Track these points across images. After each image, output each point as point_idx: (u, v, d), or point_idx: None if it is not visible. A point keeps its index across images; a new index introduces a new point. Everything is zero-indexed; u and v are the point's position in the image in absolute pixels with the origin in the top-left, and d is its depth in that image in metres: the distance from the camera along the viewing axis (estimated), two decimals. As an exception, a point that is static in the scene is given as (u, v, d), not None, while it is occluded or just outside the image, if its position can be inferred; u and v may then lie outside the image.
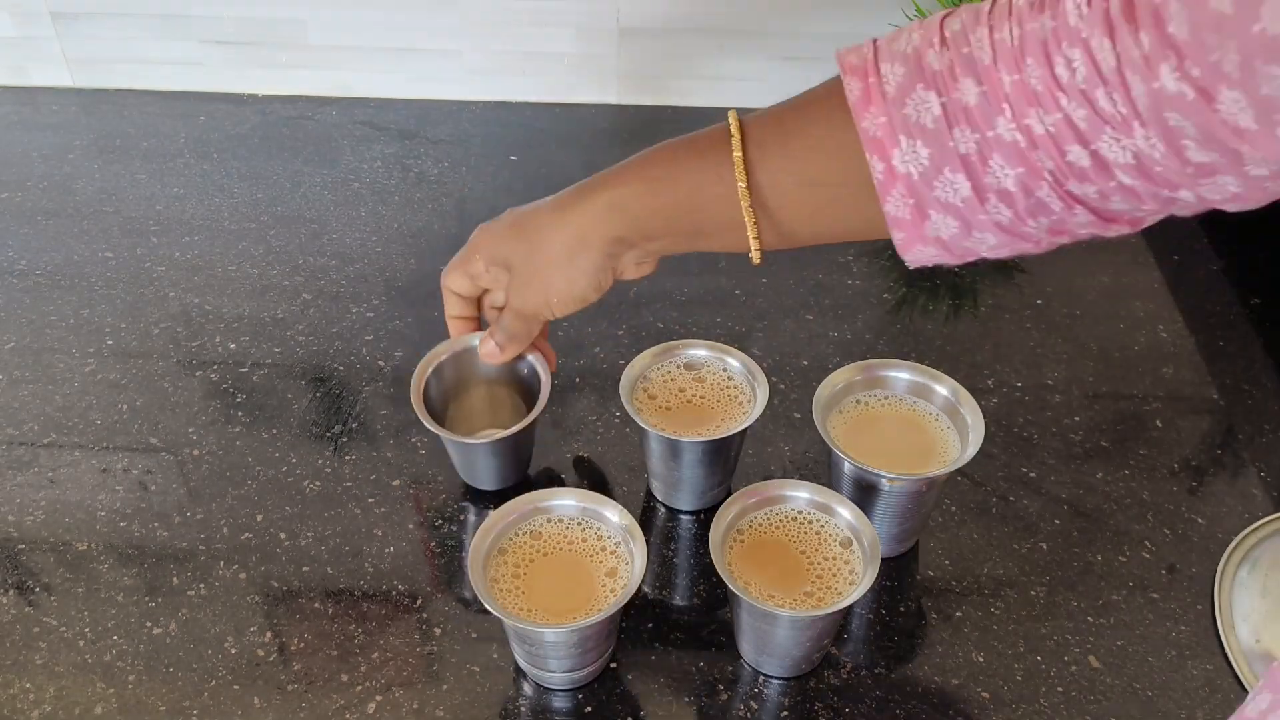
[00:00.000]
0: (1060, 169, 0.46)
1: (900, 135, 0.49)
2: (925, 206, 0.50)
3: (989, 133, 0.47)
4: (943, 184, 0.49)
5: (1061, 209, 0.48)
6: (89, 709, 0.62)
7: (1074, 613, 0.67)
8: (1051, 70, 0.44)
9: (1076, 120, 0.44)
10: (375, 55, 1.14)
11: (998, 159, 0.47)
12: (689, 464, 0.70)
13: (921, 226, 0.50)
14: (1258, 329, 0.88)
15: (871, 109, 0.50)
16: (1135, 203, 0.47)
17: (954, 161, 0.48)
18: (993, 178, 0.48)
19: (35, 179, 1.05)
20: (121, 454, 0.77)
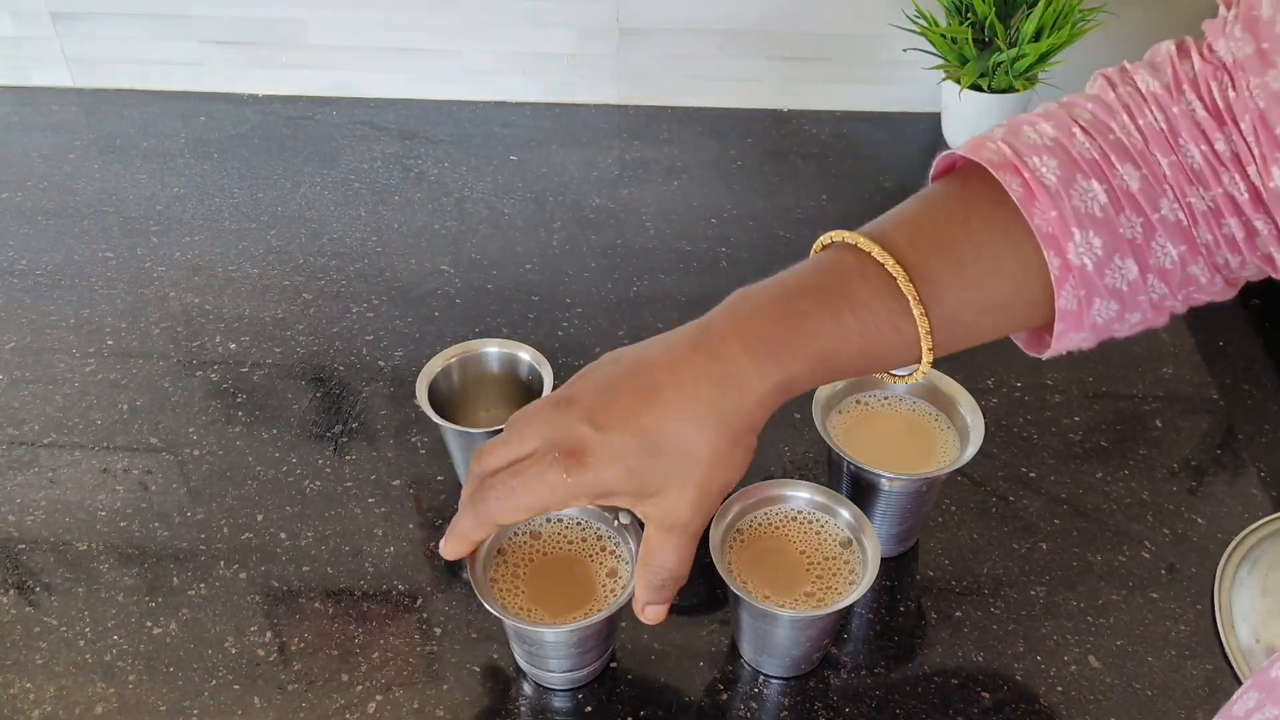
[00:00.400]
0: (1216, 241, 0.47)
1: (1073, 227, 0.47)
2: (1093, 295, 0.49)
3: (1154, 215, 0.47)
4: (1113, 271, 0.48)
5: (1206, 280, 0.49)
6: (89, 709, 0.62)
7: (1074, 613, 0.67)
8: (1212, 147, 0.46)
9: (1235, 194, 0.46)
10: (375, 55, 1.14)
11: (1160, 239, 0.48)
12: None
13: (1085, 315, 0.49)
14: (1258, 329, 0.88)
15: (1039, 204, 0.48)
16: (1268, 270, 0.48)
17: (1124, 247, 0.48)
18: (1155, 258, 0.48)
19: (35, 179, 1.05)
20: (121, 454, 0.77)
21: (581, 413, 0.50)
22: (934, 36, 1.01)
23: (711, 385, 0.49)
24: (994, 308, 0.50)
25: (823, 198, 1.02)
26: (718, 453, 0.50)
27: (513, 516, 0.52)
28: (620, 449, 0.49)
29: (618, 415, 0.49)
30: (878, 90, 1.14)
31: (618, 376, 0.50)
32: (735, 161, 1.07)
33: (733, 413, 0.49)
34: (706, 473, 0.50)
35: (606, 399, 0.50)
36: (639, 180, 1.06)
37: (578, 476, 0.49)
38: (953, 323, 0.50)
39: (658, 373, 0.49)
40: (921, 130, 1.10)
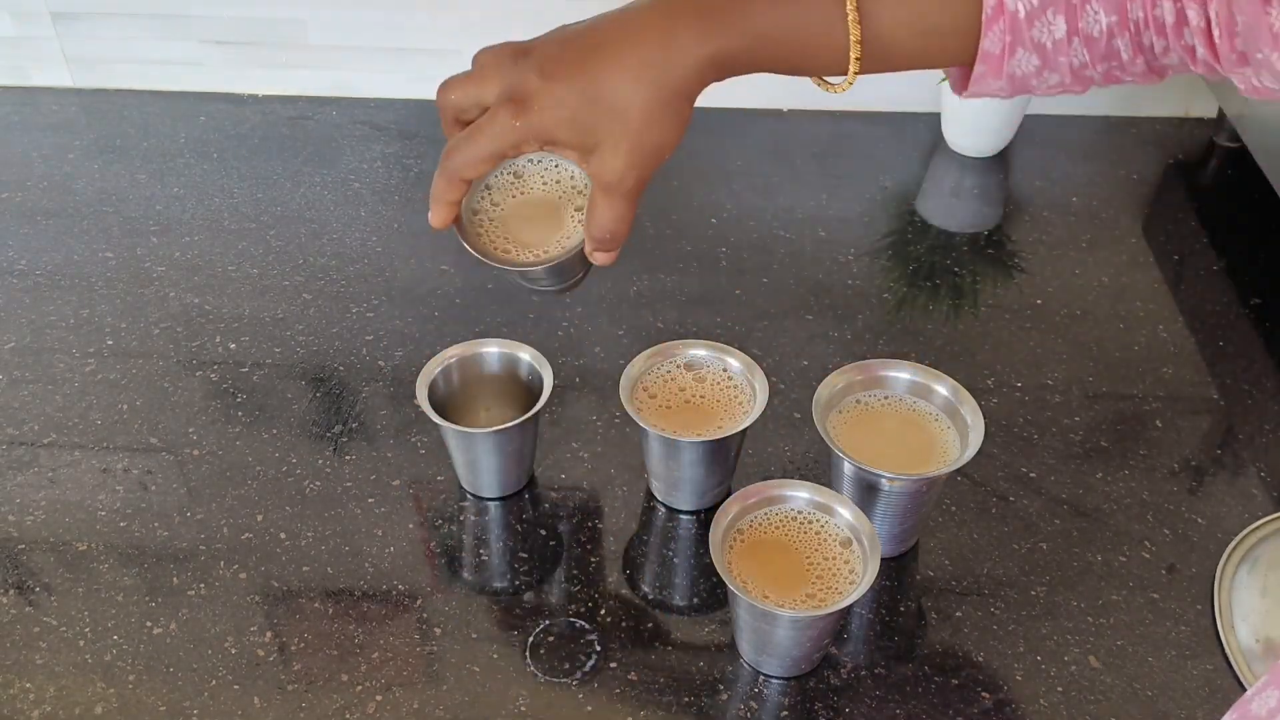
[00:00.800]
0: (1145, 19, 0.49)
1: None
2: (1017, 44, 0.51)
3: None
4: (1042, 24, 0.51)
5: (1128, 57, 0.51)
6: (89, 709, 0.62)
7: (1074, 613, 0.67)
8: None
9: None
10: (375, 55, 1.14)
11: (1094, 4, 0.50)
12: (689, 464, 0.70)
13: (1005, 62, 0.52)
14: (1258, 329, 0.88)
15: None
16: (1187, 62, 0.50)
17: (1058, 3, 0.50)
18: (1085, 22, 0.50)
19: (35, 179, 1.05)
20: (121, 454, 0.77)
21: (533, 62, 0.54)
22: (934, 36, 1.00)
23: (653, 45, 0.52)
24: (927, 32, 0.53)
25: (823, 198, 1.02)
26: (649, 110, 0.53)
27: (475, 167, 0.55)
28: (562, 97, 0.53)
29: (564, 66, 0.53)
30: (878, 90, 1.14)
31: (574, 32, 0.55)
32: (735, 161, 1.07)
33: (667, 73, 0.52)
34: (638, 129, 0.53)
35: (558, 50, 0.54)
36: (639, 180, 1.05)
37: (525, 120, 0.53)
38: (886, 38, 0.53)
39: (609, 29, 0.54)
40: (921, 130, 1.10)
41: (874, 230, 0.98)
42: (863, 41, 0.54)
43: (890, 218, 1.00)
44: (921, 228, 0.99)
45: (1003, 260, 0.96)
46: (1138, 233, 0.98)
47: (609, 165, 0.54)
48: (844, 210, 1.01)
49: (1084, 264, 0.94)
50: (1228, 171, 1.06)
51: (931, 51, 0.55)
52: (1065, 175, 1.05)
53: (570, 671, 0.64)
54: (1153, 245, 0.96)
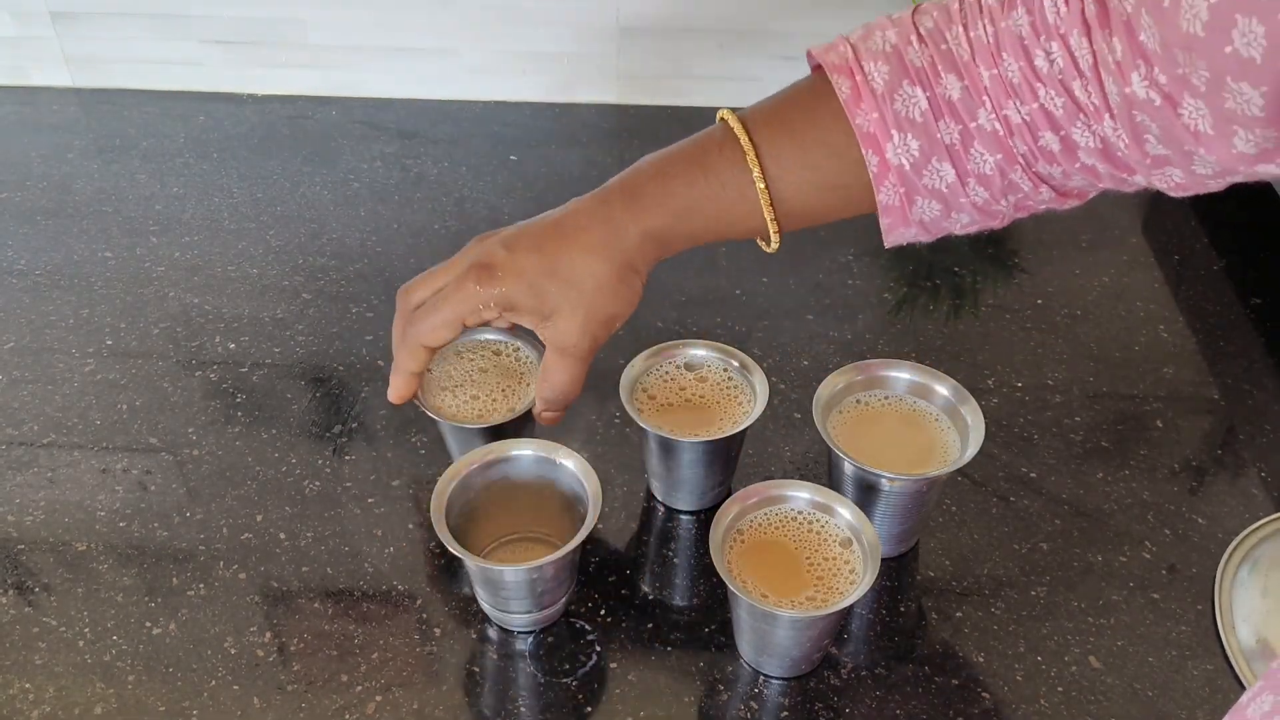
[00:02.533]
0: (1032, 152, 0.50)
1: (892, 130, 0.52)
2: (913, 194, 0.53)
3: (971, 124, 0.50)
4: (930, 172, 0.52)
5: (1030, 188, 0.52)
6: (89, 709, 0.62)
7: (1074, 613, 0.67)
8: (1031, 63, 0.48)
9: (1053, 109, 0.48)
10: (375, 55, 1.14)
11: (978, 147, 0.51)
12: (688, 464, 0.70)
13: (908, 212, 0.54)
14: (1258, 329, 0.88)
15: (863, 105, 0.52)
16: (1093, 181, 0.51)
17: (940, 151, 0.51)
18: (974, 164, 0.51)
19: (34, 179, 1.05)
20: (121, 454, 0.77)
21: (498, 240, 0.60)
22: (934, 36, 1.00)
23: (598, 227, 0.59)
24: (834, 188, 0.56)
25: (823, 198, 1.02)
26: (602, 283, 0.59)
27: (436, 334, 0.61)
28: (524, 266, 0.59)
29: (526, 240, 0.60)
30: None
31: (532, 221, 0.62)
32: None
33: (617, 251, 0.59)
34: (592, 300, 0.59)
35: (520, 232, 0.61)
36: (639, 180, 1.05)
37: (487, 287, 0.59)
38: (795, 199, 0.57)
39: (561, 217, 0.60)
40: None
41: (874, 230, 0.98)
42: (773, 204, 0.57)
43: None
44: (921, 228, 0.99)
45: (1003, 260, 0.96)
46: (1138, 233, 0.98)
47: (563, 330, 0.60)
48: (844, 210, 1.01)
49: (1084, 264, 0.94)
50: (1228, 171, 1.05)
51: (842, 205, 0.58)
52: (1065, 175, 1.05)
53: (570, 671, 0.64)
54: (1153, 245, 0.96)
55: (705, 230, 0.60)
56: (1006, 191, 0.52)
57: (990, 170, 0.51)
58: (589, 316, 0.60)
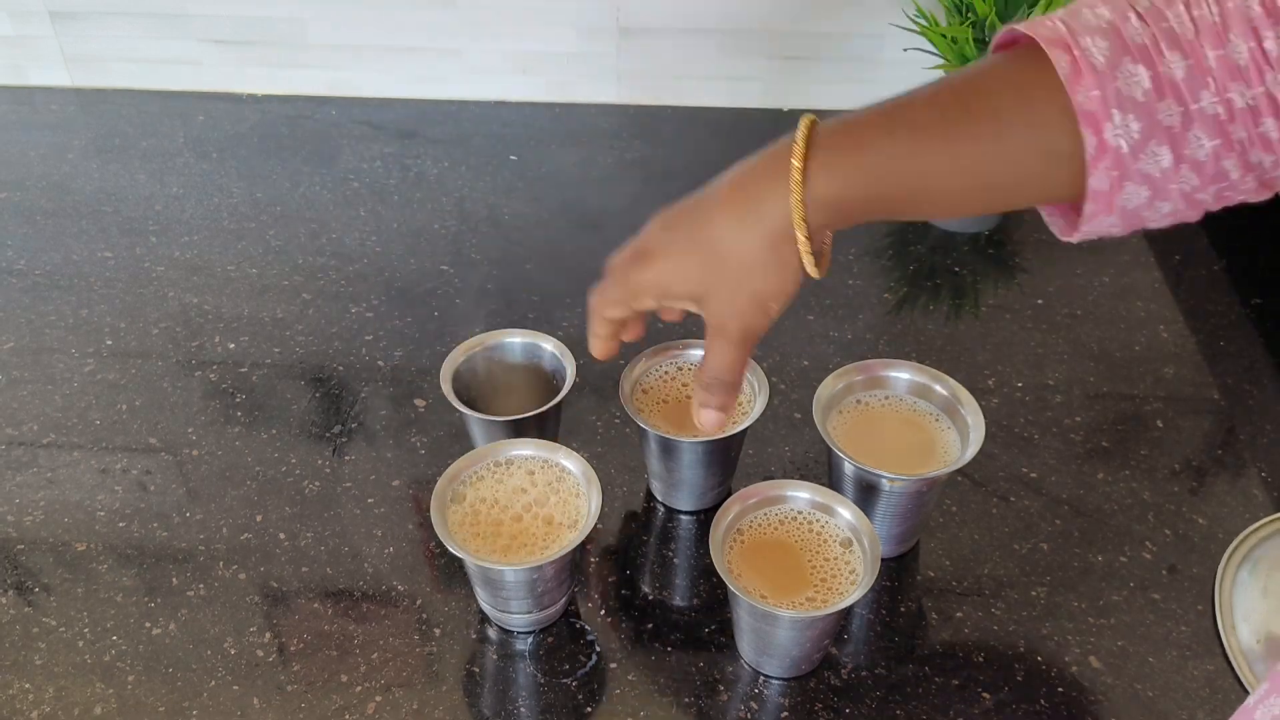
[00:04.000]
0: (1250, 138, 0.48)
1: (1113, 108, 0.49)
2: (1125, 178, 0.50)
3: (1193, 106, 0.48)
4: (1148, 156, 0.50)
5: (1238, 176, 0.50)
6: (88, 709, 0.62)
7: (1074, 613, 0.67)
8: (1261, 44, 0.46)
9: (1278, 94, 0.46)
10: (375, 55, 1.14)
11: (1198, 130, 0.49)
12: (688, 464, 0.70)
13: (1115, 198, 0.51)
14: (1258, 329, 0.88)
15: (1083, 81, 0.49)
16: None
17: (1160, 134, 0.49)
18: (1190, 149, 0.49)
19: (34, 178, 1.05)
20: (121, 454, 0.77)
21: (661, 220, 0.57)
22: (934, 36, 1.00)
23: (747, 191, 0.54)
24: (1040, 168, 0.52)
25: (823, 197, 1.02)
26: (749, 257, 0.54)
27: (610, 308, 0.59)
28: (678, 247, 0.56)
29: (681, 221, 0.56)
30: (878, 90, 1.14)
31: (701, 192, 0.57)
32: (736, 161, 1.07)
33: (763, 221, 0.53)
34: (739, 276, 0.54)
35: (681, 208, 0.56)
36: (639, 180, 1.05)
37: (640, 272, 0.57)
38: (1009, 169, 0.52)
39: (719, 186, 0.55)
40: (921, 130, 1.10)
41: (874, 230, 0.98)
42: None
43: (890, 218, 1.00)
44: (922, 228, 0.99)
45: (1003, 260, 0.96)
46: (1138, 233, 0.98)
47: (714, 310, 0.56)
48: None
49: (1084, 264, 0.94)
50: (1228, 171, 1.06)
51: (1046, 185, 0.53)
52: (1065, 175, 1.05)
53: (570, 671, 0.64)
54: (1153, 245, 0.96)
55: (919, 194, 0.53)
56: (1216, 179, 0.50)
57: (1205, 156, 0.49)
58: (736, 295, 0.55)
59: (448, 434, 0.78)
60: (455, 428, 0.79)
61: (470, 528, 0.63)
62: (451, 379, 0.71)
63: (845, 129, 0.53)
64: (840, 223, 0.54)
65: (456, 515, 0.63)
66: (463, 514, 0.63)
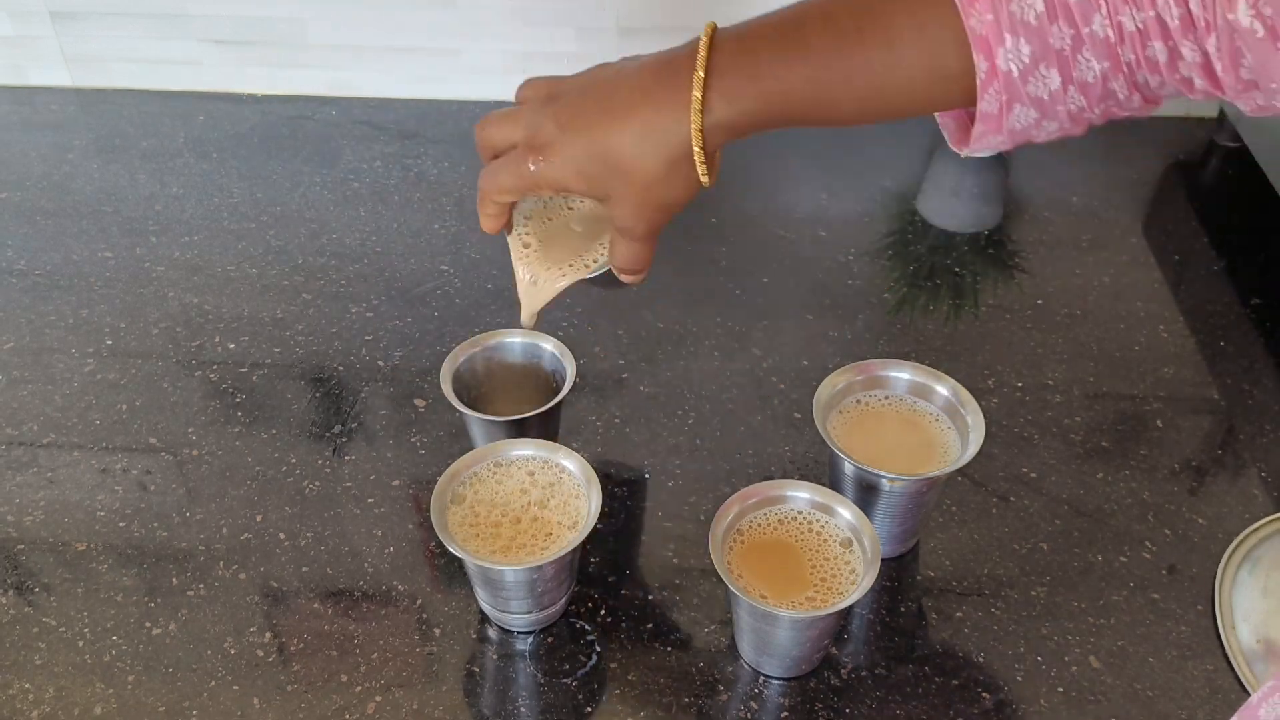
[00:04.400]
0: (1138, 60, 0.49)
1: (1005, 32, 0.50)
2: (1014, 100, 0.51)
3: (1084, 29, 0.49)
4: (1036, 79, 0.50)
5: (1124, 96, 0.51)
6: (88, 709, 0.62)
7: (1074, 613, 0.67)
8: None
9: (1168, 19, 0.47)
10: (375, 55, 1.14)
11: (1087, 52, 0.49)
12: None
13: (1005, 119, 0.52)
14: (1258, 329, 0.88)
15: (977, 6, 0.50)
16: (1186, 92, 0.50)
17: (1050, 57, 0.50)
18: (1079, 71, 0.50)
19: (34, 179, 1.05)
20: (121, 454, 0.77)
21: (555, 110, 0.56)
22: (934, 36, 1.00)
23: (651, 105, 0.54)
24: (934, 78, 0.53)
25: (822, 198, 1.02)
26: (652, 171, 0.55)
27: (500, 194, 0.59)
28: (574, 152, 0.55)
29: (581, 119, 0.55)
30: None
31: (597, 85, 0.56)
32: (735, 161, 1.07)
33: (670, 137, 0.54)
34: (643, 186, 0.56)
35: (578, 100, 0.56)
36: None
37: (539, 168, 0.56)
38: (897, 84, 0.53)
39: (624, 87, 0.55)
40: (921, 130, 1.10)
41: (874, 230, 0.98)
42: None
43: (890, 218, 1.00)
44: (922, 228, 0.99)
45: (1003, 260, 0.96)
46: (1138, 233, 0.98)
47: (618, 214, 0.57)
48: (844, 210, 1.01)
49: (1084, 264, 0.94)
50: (1228, 171, 1.06)
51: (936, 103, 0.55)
52: (1065, 175, 1.05)
53: (570, 671, 0.64)
54: (1153, 245, 0.96)
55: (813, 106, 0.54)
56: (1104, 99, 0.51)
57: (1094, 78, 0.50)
58: (641, 204, 0.57)
59: (448, 434, 0.78)
60: (455, 428, 0.79)
61: (470, 528, 0.63)
62: (451, 379, 0.71)
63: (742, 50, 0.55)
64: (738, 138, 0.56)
65: (456, 515, 0.63)
66: (463, 514, 0.63)
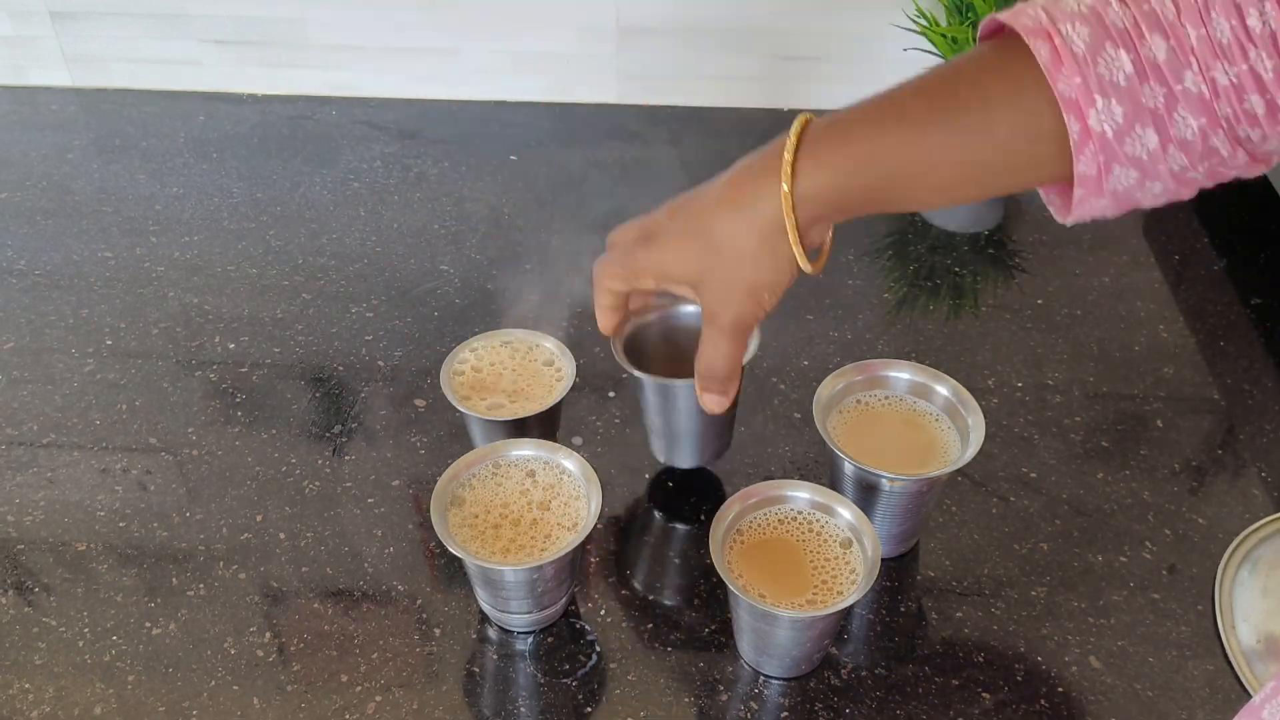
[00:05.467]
0: (1236, 115, 0.48)
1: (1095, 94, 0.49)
2: (1113, 162, 0.51)
3: (1177, 87, 0.49)
4: (1133, 139, 0.50)
5: (1228, 154, 0.50)
6: (88, 709, 0.62)
7: (1074, 613, 0.67)
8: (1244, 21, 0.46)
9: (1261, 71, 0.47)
10: (375, 55, 1.14)
11: (1182, 110, 0.49)
12: (686, 412, 0.68)
13: (1104, 182, 0.52)
14: (1258, 329, 0.88)
15: (1064, 69, 0.50)
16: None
17: (1144, 116, 0.49)
18: (1177, 129, 0.49)
19: (34, 179, 1.05)
20: (121, 454, 0.77)
21: (666, 208, 0.60)
22: (935, 36, 1.00)
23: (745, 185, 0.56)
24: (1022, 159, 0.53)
25: (823, 198, 1.02)
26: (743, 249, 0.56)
27: (614, 281, 0.62)
28: (678, 232, 0.58)
29: (686, 208, 0.59)
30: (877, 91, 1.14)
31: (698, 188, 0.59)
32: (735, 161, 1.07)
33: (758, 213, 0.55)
34: (732, 265, 0.57)
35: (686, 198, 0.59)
36: (639, 180, 1.05)
37: (646, 251, 0.59)
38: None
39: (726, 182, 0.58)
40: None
41: (874, 230, 0.98)
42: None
43: (890, 218, 1.00)
44: (922, 228, 0.99)
45: (1003, 260, 0.96)
46: (1138, 233, 0.98)
47: (708, 299, 0.58)
48: (844, 210, 1.00)
49: (1084, 264, 0.94)
50: (1228, 171, 1.06)
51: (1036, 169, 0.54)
52: (1065, 175, 1.05)
53: (570, 672, 0.64)
54: (1153, 245, 0.96)
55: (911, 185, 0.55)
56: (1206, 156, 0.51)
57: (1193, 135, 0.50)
58: (731, 282, 0.57)
59: (448, 434, 0.79)
60: (455, 428, 0.79)
61: (470, 528, 0.63)
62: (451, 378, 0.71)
63: (836, 123, 0.55)
64: (834, 215, 0.56)
65: (456, 516, 0.63)
66: (463, 514, 0.63)
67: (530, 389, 0.73)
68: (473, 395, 0.72)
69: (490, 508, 0.64)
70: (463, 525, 0.63)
